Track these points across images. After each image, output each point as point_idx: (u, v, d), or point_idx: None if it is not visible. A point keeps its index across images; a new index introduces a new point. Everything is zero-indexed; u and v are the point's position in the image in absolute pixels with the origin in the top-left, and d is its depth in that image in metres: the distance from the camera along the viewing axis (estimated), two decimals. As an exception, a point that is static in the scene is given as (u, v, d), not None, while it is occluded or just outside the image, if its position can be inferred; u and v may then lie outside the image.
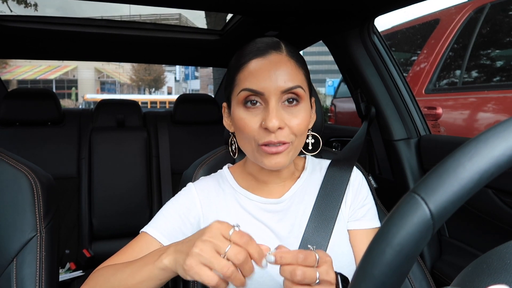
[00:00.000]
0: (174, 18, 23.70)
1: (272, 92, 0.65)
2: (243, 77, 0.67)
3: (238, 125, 0.69)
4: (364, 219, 0.78)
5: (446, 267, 1.17)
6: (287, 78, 0.65)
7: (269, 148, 0.66)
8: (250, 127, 0.66)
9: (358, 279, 0.30)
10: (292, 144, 0.68)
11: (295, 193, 0.77)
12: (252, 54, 0.67)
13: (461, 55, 2.35)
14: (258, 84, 0.65)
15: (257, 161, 0.71)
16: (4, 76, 26.45)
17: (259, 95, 0.65)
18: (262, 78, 0.65)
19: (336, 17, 1.26)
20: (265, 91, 0.65)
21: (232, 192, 0.77)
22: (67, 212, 2.06)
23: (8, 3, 7.87)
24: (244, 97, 0.66)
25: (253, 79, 0.65)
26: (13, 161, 0.83)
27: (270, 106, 0.64)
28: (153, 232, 0.70)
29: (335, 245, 0.72)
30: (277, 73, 0.65)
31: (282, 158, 0.67)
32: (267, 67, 0.65)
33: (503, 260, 0.30)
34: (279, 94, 0.65)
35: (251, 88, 0.65)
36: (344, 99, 3.54)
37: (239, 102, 0.68)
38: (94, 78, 38.44)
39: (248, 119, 0.67)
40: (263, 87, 0.65)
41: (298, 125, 0.67)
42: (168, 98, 20.41)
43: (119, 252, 0.70)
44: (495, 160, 0.28)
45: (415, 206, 0.29)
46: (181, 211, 0.73)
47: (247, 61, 0.67)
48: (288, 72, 0.66)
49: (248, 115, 0.67)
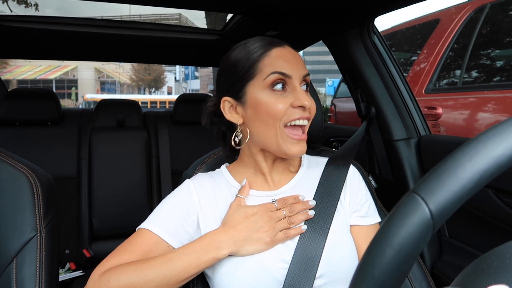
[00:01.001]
0: (174, 18, 23.71)
1: (297, 76, 0.71)
2: (269, 63, 0.70)
3: (265, 108, 0.70)
4: (367, 215, 0.79)
5: (446, 267, 1.17)
6: (303, 66, 0.73)
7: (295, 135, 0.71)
8: (280, 108, 0.69)
9: (358, 279, 0.30)
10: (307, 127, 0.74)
11: (293, 187, 0.78)
12: (270, 43, 0.72)
13: (461, 55, 2.35)
14: (287, 67, 0.70)
15: (280, 147, 0.71)
16: (4, 76, 26.44)
17: (288, 78, 0.70)
18: (288, 63, 0.70)
19: (336, 17, 1.26)
20: (293, 74, 0.70)
21: (229, 187, 0.77)
22: (67, 212, 2.06)
23: (8, 3, 7.87)
24: (273, 81, 0.69)
25: (282, 62, 0.70)
26: (13, 161, 0.83)
27: (298, 88, 0.71)
28: (155, 229, 0.69)
29: (336, 238, 0.72)
30: (297, 60, 0.72)
31: (304, 145, 0.72)
32: (289, 54, 0.72)
33: (503, 260, 0.30)
34: (301, 79, 0.72)
35: (282, 71, 0.69)
36: (344, 99, 3.54)
37: (266, 86, 0.70)
38: (94, 78, 38.44)
39: (279, 100, 0.70)
40: (291, 70, 0.70)
41: (313, 107, 0.73)
42: (168, 98, 20.42)
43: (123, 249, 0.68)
44: (495, 160, 0.28)
45: (415, 206, 0.29)
46: (182, 207, 0.73)
47: (268, 49, 0.71)
48: (301, 61, 0.74)
49: (278, 97, 0.70)
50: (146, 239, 0.69)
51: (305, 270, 0.67)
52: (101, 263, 0.68)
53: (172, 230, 0.70)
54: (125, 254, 0.67)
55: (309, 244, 0.69)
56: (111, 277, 0.63)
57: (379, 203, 0.99)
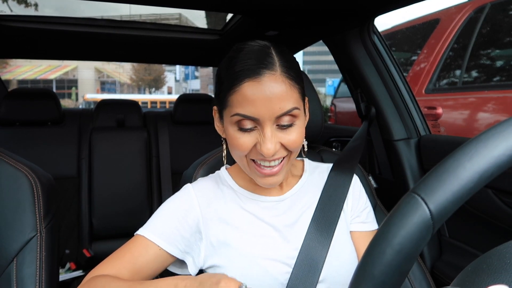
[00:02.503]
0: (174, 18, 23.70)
1: (266, 118, 0.62)
2: (236, 101, 0.63)
3: (231, 141, 0.67)
4: (367, 222, 0.80)
5: (446, 267, 1.17)
6: (282, 103, 0.62)
7: (263, 170, 0.67)
8: (243, 146, 0.65)
9: (358, 279, 0.30)
10: (288, 159, 0.69)
11: (296, 193, 0.77)
12: (244, 75, 0.62)
13: (461, 55, 2.35)
14: (252, 110, 0.62)
15: (251, 176, 0.71)
16: (4, 76, 26.43)
17: (254, 120, 0.63)
18: (256, 104, 0.61)
19: (336, 17, 1.26)
20: (260, 117, 0.62)
21: (231, 192, 0.77)
22: (67, 212, 2.06)
23: (8, 3, 7.87)
24: (238, 121, 0.64)
25: (247, 105, 0.62)
26: (13, 161, 0.83)
27: (266, 132, 0.63)
28: (150, 235, 0.69)
29: (337, 243, 0.72)
30: (271, 99, 0.61)
31: (278, 177, 0.68)
32: (261, 92, 0.61)
33: (503, 260, 0.30)
34: (274, 119, 0.63)
35: (245, 114, 0.62)
36: (344, 99, 3.54)
37: (232, 124, 0.65)
38: (94, 78, 38.43)
39: (242, 139, 0.65)
40: (258, 114, 0.62)
41: (294, 142, 0.66)
42: (168, 98, 20.40)
43: (116, 255, 0.69)
44: (495, 160, 0.28)
45: (415, 206, 0.29)
46: (179, 214, 0.72)
47: (239, 83, 0.62)
48: (283, 95, 0.62)
49: (242, 136, 0.65)
50: (137, 244, 0.69)
51: (309, 273, 0.67)
52: (95, 268, 0.68)
53: (168, 235, 0.70)
54: (116, 260, 0.68)
55: (314, 246, 0.69)
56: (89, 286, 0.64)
57: (379, 203, 0.99)
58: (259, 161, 0.67)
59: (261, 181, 0.69)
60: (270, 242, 0.71)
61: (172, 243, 0.70)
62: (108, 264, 0.68)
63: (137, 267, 0.67)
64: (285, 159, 0.68)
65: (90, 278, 0.66)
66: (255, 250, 0.69)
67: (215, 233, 0.72)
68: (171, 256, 0.70)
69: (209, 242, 0.72)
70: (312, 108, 0.94)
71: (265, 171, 0.67)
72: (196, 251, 0.72)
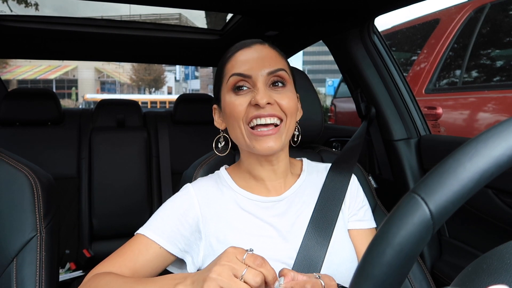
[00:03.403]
0: (174, 18, 23.72)
1: (259, 74, 0.69)
2: (231, 66, 0.71)
3: (228, 110, 0.71)
4: (364, 220, 0.80)
5: (446, 267, 1.17)
6: (272, 62, 0.71)
7: (260, 131, 0.68)
8: (239, 106, 0.69)
9: (358, 279, 0.30)
10: (284, 125, 0.70)
11: (295, 193, 0.78)
12: (238, 47, 0.73)
13: (461, 55, 2.35)
14: (245, 68, 0.69)
15: (249, 148, 0.71)
16: (4, 76, 26.44)
17: (247, 78, 0.69)
18: (249, 63, 0.70)
19: (336, 17, 1.26)
20: (252, 74, 0.69)
21: (230, 192, 0.77)
22: (67, 212, 2.06)
23: (8, 3, 7.87)
24: (233, 83, 0.70)
25: (241, 65, 0.70)
26: (13, 161, 0.83)
27: (258, 85, 0.69)
28: (151, 234, 0.69)
29: (336, 242, 0.73)
30: (262, 58, 0.70)
31: (274, 142, 0.69)
32: (253, 54, 0.71)
33: (503, 260, 0.30)
34: (266, 76, 0.69)
35: (239, 72, 0.69)
36: (344, 99, 3.54)
37: (229, 89, 0.71)
38: (94, 78, 38.44)
39: (238, 101, 0.70)
40: (250, 70, 0.69)
41: (288, 103, 0.70)
42: (168, 98, 20.41)
43: (116, 254, 0.69)
44: (495, 160, 0.28)
45: (415, 206, 0.29)
46: (179, 212, 0.73)
47: (234, 53, 0.72)
48: (272, 57, 0.72)
49: (237, 98, 0.70)
50: (138, 243, 0.69)
51: (307, 272, 0.67)
52: (96, 266, 0.68)
53: (167, 233, 0.70)
54: (117, 258, 0.68)
55: (312, 246, 0.70)
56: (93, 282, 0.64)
57: (379, 203, 0.99)
58: (256, 121, 0.68)
59: (258, 145, 0.69)
60: (269, 242, 0.71)
61: (172, 242, 0.70)
62: (109, 263, 0.68)
63: (137, 266, 0.67)
64: (282, 125, 0.70)
65: (91, 276, 0.66)
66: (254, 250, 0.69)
67: (214, 233, 0.72)
68: (171, 255, 0.70)
69: (208, 242, 0.72)
70: (312, 108, 0.94)
71: (261, 132, 0.68)
72: (196, 250, 0.73)
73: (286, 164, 0.78)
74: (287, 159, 0.79)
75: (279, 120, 0.69)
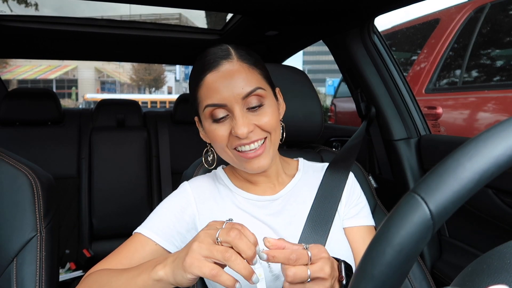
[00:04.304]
0: (174, 18, 23.71)
1: (233, 101, 0.66)
2: (203, 95, 0.68)
3: (211, 136, 0.70)
4: (358, 217, 0.79)
5: (446, 267, 1.17)
6: (244, 84, 0.66)
7: (247, 154, 0.68)
8: (221, 136, 0.68)
9: (358, 279, 0.30)
10: (270, 140, 0.70)
11: (290, 192, 0.78)
12: (205, 69, 0.68)
13: (461, 54, 2.35)
14: (218, 97, 0.66)
15: (240, 168, 0.72)
16: (4, 76, 26.42)
17: (223, 107, 0.67)
18: (220, 91, 0.66)
19: (336, 17, 1.26)
20: (226, 102, 0.66)
21: (227, 191, 0.78)
22: (67, 212, 2.06)
23: (8, 3, 7.86)
24: (210, 113, 0.68)
25: (213, 94, 0.67)
26: (13, 161, 0.83)
27: (236, 114, 0.66)
28: (147, 232, 0.70)
29: (333, 241, 0.73)
30: (232, 82, 0.66)
31: (264, 159, 0.69)
32: (222, 78, 0.66)
33: (503, 260, 0.30)
34: (241, 101, 0.66)
35: (213, 103, 0.67)
36: (344, 99, 3.54)
37: (207, 118, 0.69)
38: (94, 77, 38.44)
39: (218, 130, 0.68)
40: (223, 99, 0.66)
41: (268, 122, 0.68)
42: (168, 98, 20.40)
43: (114, 253, 0.70)
44: (495, 160, 0.28)
45: (415, 206, 0.29)
46: (175, 210, 0.74)
47: (202, 77, 0.68)
48: (242, 78, 0.67)
49: (217, 127, 0.69)
50: (134, 241, 0.70)
51: None
52: (94, 266, 0.69)
53: (164, 231, 0.70)
54: (113, 257, 0.69)
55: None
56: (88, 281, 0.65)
57: (379, 203, 0.99)
58: (240, 148, 0.68)
59: (249, 166, 0.70)
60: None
61: (168, 239, 0.70)
62: (106, 262, 0.69)
63: (133, 263, 0.68)
64: (267, 141, 0.70)
65: (86, 275, 0.67)
66: None
67: None
68: (167, 252, 0.70)
69: None
70: (312, 108, 0.94)
71: (249, 155, 0.68)
72: None
73: (277, 167, 0.79)
74: (277, 163, 0.79)
75: (263, 139, 0.69)
